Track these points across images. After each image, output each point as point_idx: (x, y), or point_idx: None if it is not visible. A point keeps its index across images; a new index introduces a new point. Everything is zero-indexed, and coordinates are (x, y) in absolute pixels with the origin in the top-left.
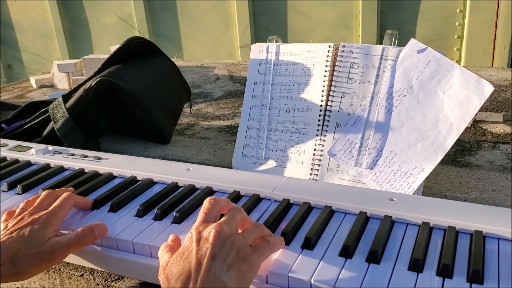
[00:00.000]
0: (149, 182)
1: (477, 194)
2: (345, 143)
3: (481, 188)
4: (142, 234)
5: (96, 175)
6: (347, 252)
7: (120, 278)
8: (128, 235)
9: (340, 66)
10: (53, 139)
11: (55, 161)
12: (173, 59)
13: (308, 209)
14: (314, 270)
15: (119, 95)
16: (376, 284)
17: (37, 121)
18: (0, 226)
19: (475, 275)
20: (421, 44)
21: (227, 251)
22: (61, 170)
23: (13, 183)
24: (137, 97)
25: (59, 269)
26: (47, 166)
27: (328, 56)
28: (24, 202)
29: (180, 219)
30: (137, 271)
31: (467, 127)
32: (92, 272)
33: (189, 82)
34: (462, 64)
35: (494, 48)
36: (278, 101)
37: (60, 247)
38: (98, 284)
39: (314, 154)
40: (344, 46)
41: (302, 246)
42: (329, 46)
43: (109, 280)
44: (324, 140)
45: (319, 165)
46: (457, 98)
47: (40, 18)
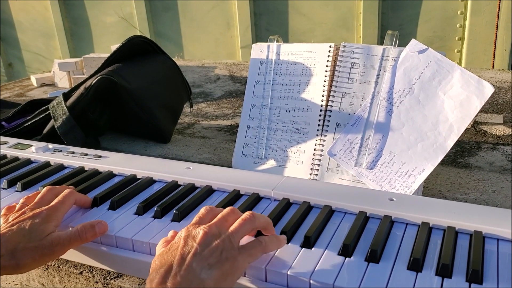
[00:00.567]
0: (149, 181)
1: (477, 195)
2: (345, 143)
3: (481, 189)
4: (142, 232)
5: (96, 173)
6: (347, 251)
7: (119, 276)
8: (128, 233)
9: (341, 66)
10: (53, 137)
11: (55, 159)
12: (174, 59)
13: (308, 209)
14: (314, 269)
15: (120, 94)
16: (375, 283)
17: (38, 119)
18: (0, 220)
19: (474, 275)
20: (422, 45)
21: (212, 251)
22: (61, 168)
23: (13, 181)
24: (138, 96)
25: (58, 267)
26: (47, 164)
27: (329, 56)
28: (24, 198)
29: (180, 217)
30: (137, 269)
31: (467, 128)
32: (91, 270)
33: (190, 82)
34: (463, 66)
35: (495, 50)
36: (279, 101)
37: (60, 242)
38: (97, 282)
39: (314, 154)
40: (345, 46)
41: (302, 245)
42: (330, 46)
43: (108, 278)
44: (324, 140)
45: (319, 165)
46: (458, 99)
47: (41, 17)
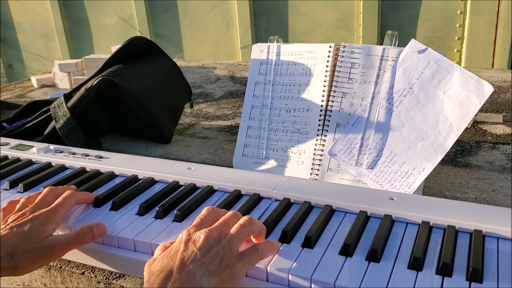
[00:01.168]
0: (150, 181)
1: (477, 194)
2: (346, 143)
3: (481, 188)
4: (143, 232)
5: (98, 174)
6: (347, 251)
7: (121, 276)
8: (129, 233)
9: (341, 66)
10: (55, 138)
11: (57, 160)
12: (174, 60)
13: (309, 208)
14: (315, 269)
15: (121, 95)
16: (376, 283)
17: (39, 120)
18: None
19: (475, 274)
20: (422, 45)
21: (212, 258)
22: (63, 169)
23: (15, 182)
24: (138, 97)
25: (61, 267)
26: (49, 165)
27: (329, 56)
28: (25, 198)
29: (181, 218)
30: (138, 269)
31: (467, 128)
32: (93, 270)
33: (190, 83)
34: (463, 66)
35: (494, 50)
36: (279, 101)
37: (59, 245)
38: (99, 282)
39: (315, 154)
40: (345, 47)
41: (303, 245)
42: (330, 47)
43: (110, 278)
44: (325, 140)
45: (320, 165)
46: (457, 99)
47: (41, 19)
